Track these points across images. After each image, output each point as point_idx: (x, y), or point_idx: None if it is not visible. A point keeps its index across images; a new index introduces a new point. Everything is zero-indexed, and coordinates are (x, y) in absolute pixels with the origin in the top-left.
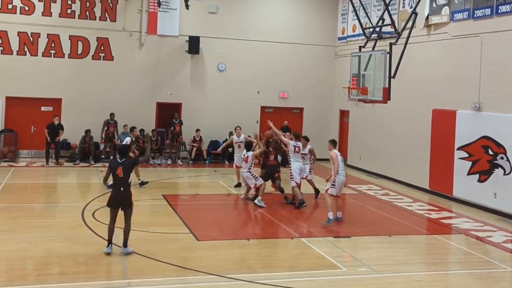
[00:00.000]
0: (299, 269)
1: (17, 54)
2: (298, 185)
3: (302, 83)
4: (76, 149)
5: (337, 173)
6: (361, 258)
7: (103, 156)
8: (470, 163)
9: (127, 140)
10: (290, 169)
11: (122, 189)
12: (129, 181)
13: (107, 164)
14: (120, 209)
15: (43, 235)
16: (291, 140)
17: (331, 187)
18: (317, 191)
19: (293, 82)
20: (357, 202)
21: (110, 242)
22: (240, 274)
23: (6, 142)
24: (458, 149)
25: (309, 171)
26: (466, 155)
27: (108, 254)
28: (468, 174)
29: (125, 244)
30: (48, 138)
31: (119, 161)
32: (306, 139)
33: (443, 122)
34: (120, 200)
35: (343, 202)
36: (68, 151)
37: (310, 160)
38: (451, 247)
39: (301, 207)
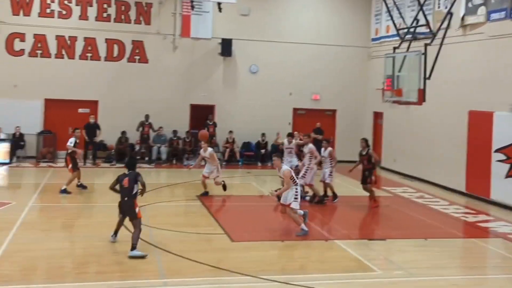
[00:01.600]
0: (333, 272)
1: (55, 57)
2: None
3: (335, 84)
4: (113, 150)
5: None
6: (396, 261)
7: (138, 157)
8: (508, 165)
9: (71, 141)
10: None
11: (126, 199)
12: (134, 192)
13: (142, 165)
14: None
15: (81, 234)
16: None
17: (294, 201)
18: (335, 195)
19: (326, 84)
20: (391, 205)
21: (115, 232)
22: (274, 276)
23: (46, 143)
24: (495, 151)
25: (329, 175)
26: (504, 157)
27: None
28: (506, 177)
29: (132, 248)
30: (86, 138)
31: (126, 174)
32: (327, 141)
33: (480, 124)
34: (124, 210)
35: (377, 204)
36: (104, 152)
37: (331, 163)
38: (488, 251)
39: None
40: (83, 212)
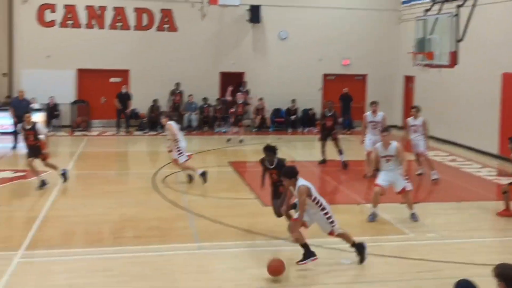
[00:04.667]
0: (366, 235)
1: (85, 28)
2: None
3: (365, 49)
4: (145, 119)
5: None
6: (429, 224)
7: None
8: None
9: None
10: None
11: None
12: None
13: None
14: None
15: (118, 200)
16: None
17: (180, 155)
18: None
19: (355, 49)
20: (423, 169)
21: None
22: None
23: (80, 112)
24: None
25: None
26: None
27: None
28: None
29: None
30: (119, 107)
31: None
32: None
33: None
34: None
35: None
36: (137, 121)
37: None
38: None
39: None
40: (118, 179)
